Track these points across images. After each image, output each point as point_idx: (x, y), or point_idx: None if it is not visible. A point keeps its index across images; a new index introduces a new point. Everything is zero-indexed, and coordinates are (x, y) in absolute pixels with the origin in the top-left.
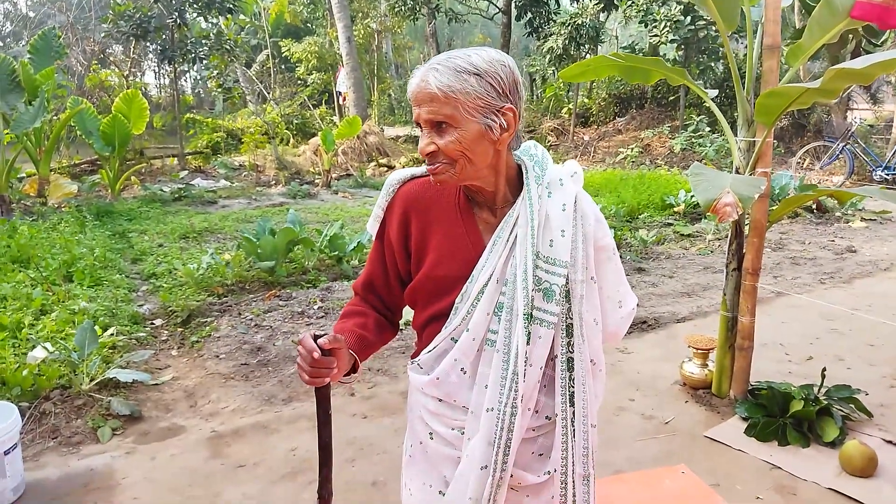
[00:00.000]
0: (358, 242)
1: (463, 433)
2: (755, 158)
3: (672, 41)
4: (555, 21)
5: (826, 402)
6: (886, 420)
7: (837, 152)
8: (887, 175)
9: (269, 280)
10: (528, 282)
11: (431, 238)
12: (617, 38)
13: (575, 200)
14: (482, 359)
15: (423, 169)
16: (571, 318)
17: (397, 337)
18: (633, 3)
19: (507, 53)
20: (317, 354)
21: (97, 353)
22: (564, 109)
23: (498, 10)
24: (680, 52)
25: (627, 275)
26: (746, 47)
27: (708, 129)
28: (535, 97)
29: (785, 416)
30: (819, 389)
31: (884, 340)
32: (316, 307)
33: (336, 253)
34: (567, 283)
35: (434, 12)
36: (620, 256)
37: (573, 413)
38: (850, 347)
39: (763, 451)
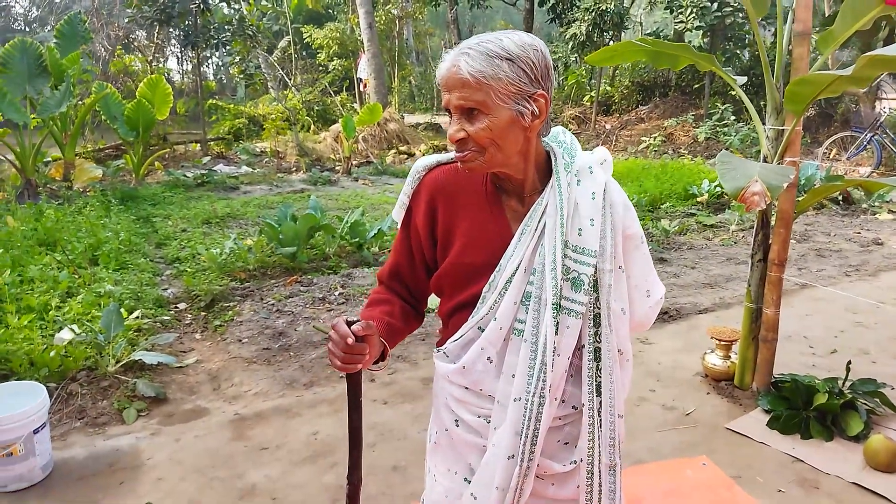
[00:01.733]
0: (378, 230)
1: (489, 422)
2: (783, 147)
3: (698, 28)
4: (578, 7)
5: (851, 396)
6: None
7: (865, 143)
8: None
9: (291, 266)
10: (556, 271)
11: (458, 225)
12: (641, 24)
13: (604, 189)
14: (509, 348)
15: (449, 155)
16: (599, 308)
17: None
18: None
19: None
20: (350, 340)
21: (123, 336)
22: (586, 97)
23: None
24: (706, 40)
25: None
26: (774, 34)
27: (733, 118)
28: (557, 84)
29: (808, 409)
30: (844, 383)
31: None
32: (337, 293)
33: (357, 240)
34: (595, 272)
35: None
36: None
37: (600, 403)
38: (875, 341)
39: (785, 444)
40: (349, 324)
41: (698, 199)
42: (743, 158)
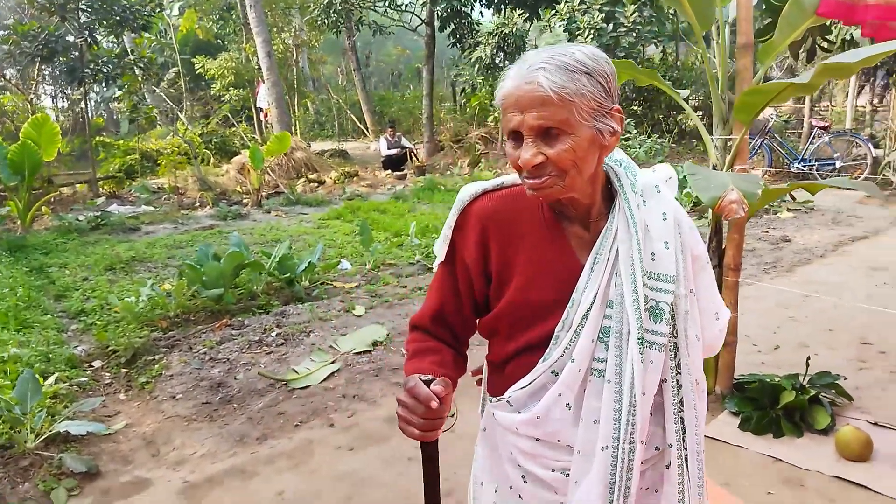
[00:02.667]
0: (309, 262)
1: (567, 475)
2: (733, 156)
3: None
4: (478, 31)
5: (814, 391)
6: (865, 402)
7: (757, 147)
8: (803, 167)
9: (217, 309)
10: (638, 301)
11: (516, 258)
12: (535, 45)
13: (674, 208)
14: (589, 391)
15: (495, 182)
16: (676, 337)
17: (369, 358)
18: (556, 12)
19: (433, 64)
20: (435, 404)
21: (41, 406)
22: (490, 118)
23: (421, 22)
24: None
25: None
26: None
27: (634, 130)
28: (459, 106)
29: (776, 408)
30: (804, 378)
31: (840, 324)
32: (273, 334)
33: (287, 275)
34: (674, 299)
35: (357, 25)
36: None
37: (685, 440)
38: (811, 334)
39: (761, 445)
40: (426, 383)
41: None
42: (708, 169)
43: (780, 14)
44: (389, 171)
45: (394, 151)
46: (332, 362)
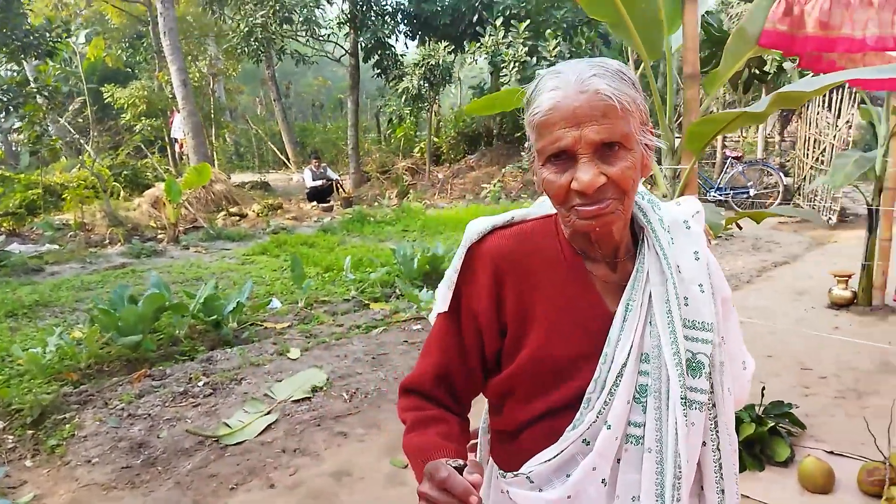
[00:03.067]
0: (237, 302)
1: None
2: (683, 186)
3: (518, 80)
4: (402, 62)
5: (771, 421)
6: (817, 430)
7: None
8: (719, 195)
9: (135, 357)
10: (679, 355)
11: (536, 307)
12: (460, 79)
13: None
14: (624, 462)
15: (504, 217)
16: (712, 393)
17: (308, 406)
18: (481, 45)
19: (359, 95)
20: (475, 500)
21: None
22: (416, 149)
23: (345, 52)
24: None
25: None
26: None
27: None
28: (384, 137)
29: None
30: (760, 409)
31: (778, 350)
32: (200, 384)
33: (214, 317)
34: (713, 350)
35: (279, 54)
36: None
37: None
38: (755, 361)
39: None
40: (459, 470)
41: None
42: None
43: (724, 45)
44: (315, 204)
45: (319, 183)
46: (269, 413)
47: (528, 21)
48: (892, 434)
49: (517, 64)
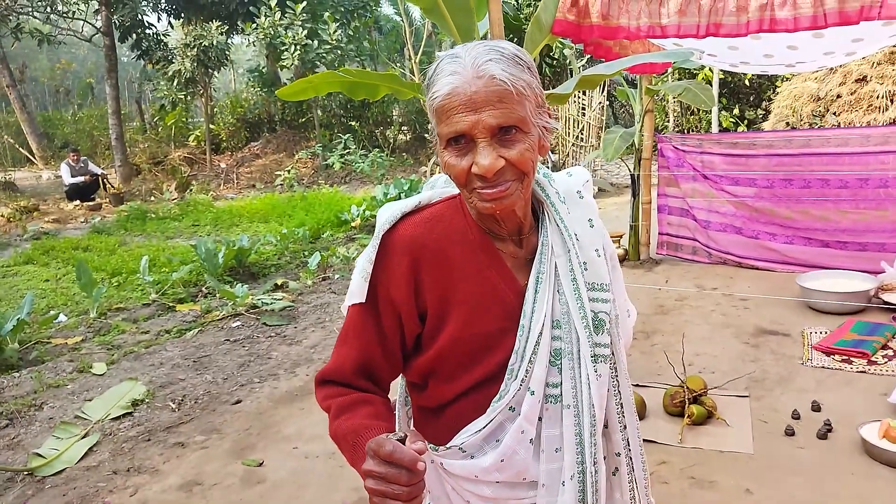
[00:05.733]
0: (18, 320)
1: None
2: None
3: (301, 63)
4: (165, 43)
5: None
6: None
7: None
8: None
9: None
10: (587, 318)
11: (455, 289)
12: (233, 62)
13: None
14: (545, 420)
15: (410, 202)
16: (612, 345)
17: (132, 421)
18: (257, 25)
19: (117, 78)
20: (422, 465)
21: None
22: (192, 137)
23: (97, 31)
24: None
25: (341, 294)
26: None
27: (354, 146)
28: (150, 125)
29: None
30: None
31: None
32: None
33: None
34: (611, 307)
35: (16, 34)
36: (328, 278)
37: (630, 446)
38: None
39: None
40: (402, 441)
41: (353, 224)
42: None
43: (524, 32)
44: (78, 203)
45: (80, 179)
46: (86, 435)
47: (304, 3)
48: (683, 362)
49: (298, 47)
